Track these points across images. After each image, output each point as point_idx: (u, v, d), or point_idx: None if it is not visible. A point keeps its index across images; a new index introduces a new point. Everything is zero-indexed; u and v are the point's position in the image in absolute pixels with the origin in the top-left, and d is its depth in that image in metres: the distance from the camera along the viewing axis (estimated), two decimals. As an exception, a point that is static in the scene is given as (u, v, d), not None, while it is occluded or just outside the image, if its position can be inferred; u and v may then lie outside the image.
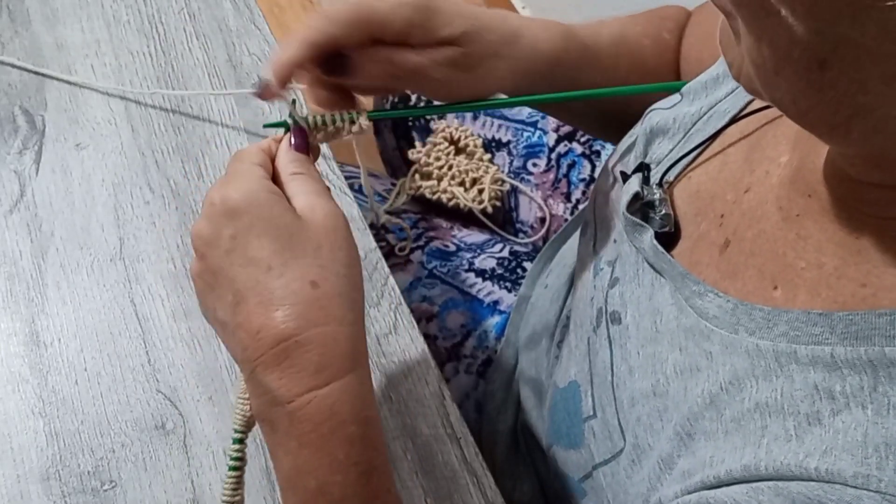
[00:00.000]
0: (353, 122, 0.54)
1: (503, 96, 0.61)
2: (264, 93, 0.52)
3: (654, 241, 0.51)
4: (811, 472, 0.37)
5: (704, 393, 0.44)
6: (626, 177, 0.56)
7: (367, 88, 0.60)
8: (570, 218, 0.88)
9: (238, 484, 0.51)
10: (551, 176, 0.92)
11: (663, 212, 0.53)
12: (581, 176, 0.91)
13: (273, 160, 0.51)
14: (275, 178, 0.51)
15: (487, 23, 0.57)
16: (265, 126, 0.53)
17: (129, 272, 0.68)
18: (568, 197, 0.92)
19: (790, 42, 0.33)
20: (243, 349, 0.46)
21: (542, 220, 0.92)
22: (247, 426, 0.51)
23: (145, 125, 0.75)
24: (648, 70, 0.68)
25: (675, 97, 0.59)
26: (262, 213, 0.46)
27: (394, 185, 0.94)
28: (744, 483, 0.39)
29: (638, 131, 0.60)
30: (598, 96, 0.59)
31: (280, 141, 0.52)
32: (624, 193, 0.55)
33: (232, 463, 0.51)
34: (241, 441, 0.51)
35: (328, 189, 0.51)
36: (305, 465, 0.46)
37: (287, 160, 0.51)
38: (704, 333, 0.45)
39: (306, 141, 0.52)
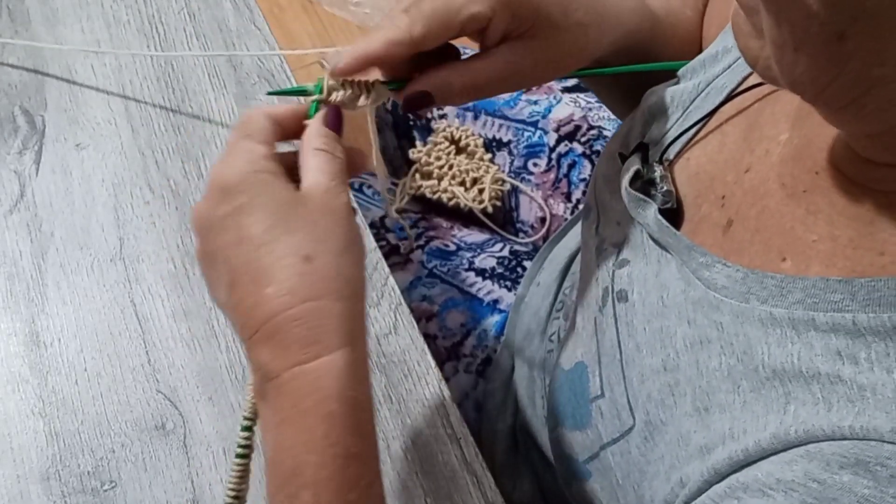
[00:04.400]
0: (369, 91, 0.52)
1: None
2: (333, 71, 0.49)
3: (659, 216, 0.51)
4: (845, 432, 0.37)
5: (722, 366, 0.44)
6: (624, 158, 0.56)
7: None
8: (570, 218, 0.88)
9: (244, 472, 0.50)
10: (552, 176, 0.92)
11: (665, 188, 0.52)
12: (581, 176, 0.91)
13: (287, 128, 0.50)
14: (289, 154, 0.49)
15: None
16: (269, 93, 0.49)
17: (129, 272, 0.68)
18: (568, 197, 0.92)
19: (807, 17, 0.33)
20: (241, 328, 0.45)
21: (543, 219, 0.92)
22: (255, 413, 0.50)
23: (145, 125, 0.75)
24: (697, 40, 0.66)
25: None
26: (256, 190, 0.45)
27: (395, 184, 0.94)
28: (773, 454, 0.39)
29: (637, 113, 0.59)
30: (606, 74, 0.57)
31: (300, 112, 0.50)
32: (625, 171, 0.54)
33: (239, 450, 0.50)
34: (249, 428, 0.50)
35: (345, 175, 0.49)
36: (285, 442, 0.44)
37: (315, 134, 0.49)
38: (713, 304, 0.45)
39: (340, 120, 0.51)
